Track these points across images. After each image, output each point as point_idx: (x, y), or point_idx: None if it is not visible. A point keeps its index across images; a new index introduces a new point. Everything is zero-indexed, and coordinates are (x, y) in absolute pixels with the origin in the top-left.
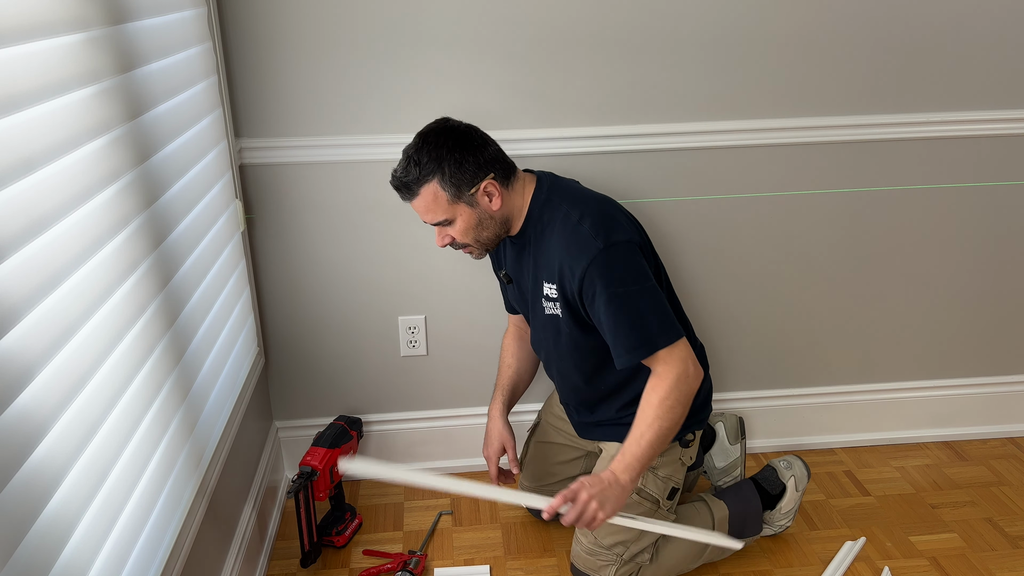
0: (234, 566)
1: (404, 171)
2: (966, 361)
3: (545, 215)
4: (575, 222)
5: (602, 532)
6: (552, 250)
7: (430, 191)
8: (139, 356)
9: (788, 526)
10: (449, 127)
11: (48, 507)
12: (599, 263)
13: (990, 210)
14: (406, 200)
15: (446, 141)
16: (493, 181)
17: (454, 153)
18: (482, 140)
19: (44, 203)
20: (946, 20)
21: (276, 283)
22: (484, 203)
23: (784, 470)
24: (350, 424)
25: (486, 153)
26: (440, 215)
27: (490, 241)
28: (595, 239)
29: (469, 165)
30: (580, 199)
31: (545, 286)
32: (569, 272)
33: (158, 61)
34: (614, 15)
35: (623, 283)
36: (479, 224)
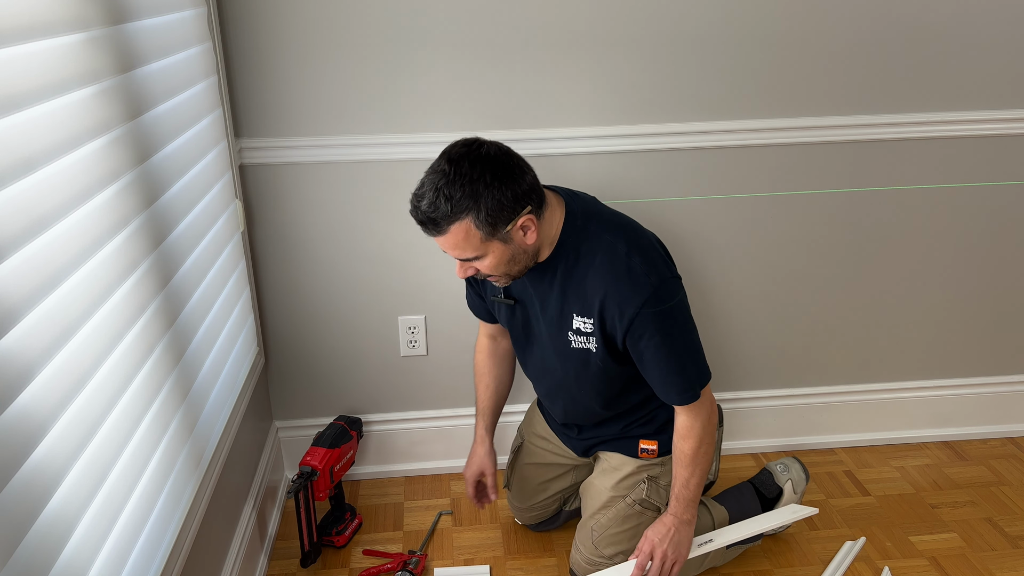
0: (234, 566)
1: (432, 206)
2: (966, 361)
3: (583, 246)
4: (623, 255)
5: (603, 542)
6: (593, 283)
7: (462, 229)
8: (139, 356)
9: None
10: (484, 154)
11: (48, 507)
12: (652, 304)
13: (990, 210)
14: (429, 234)
15: (483, 173)
16: (530, 215)
17: (492, 189)
18: (519, 168)
19: (44, 203)
20: (946, 20)
21: (276, 283)
22: (519, 238)
23: (780, 474)
24: (350, 424)
25: (524, 183)
26: (470, 253)
27: (520, 273)
28: (648, 276)
29: (508, 200)
30: (620, 227)
31: (576, 320)
32: (617, 309)
33: (158, 61)
34: (614, 15)
35: (674, 325)
36: (511, 259)
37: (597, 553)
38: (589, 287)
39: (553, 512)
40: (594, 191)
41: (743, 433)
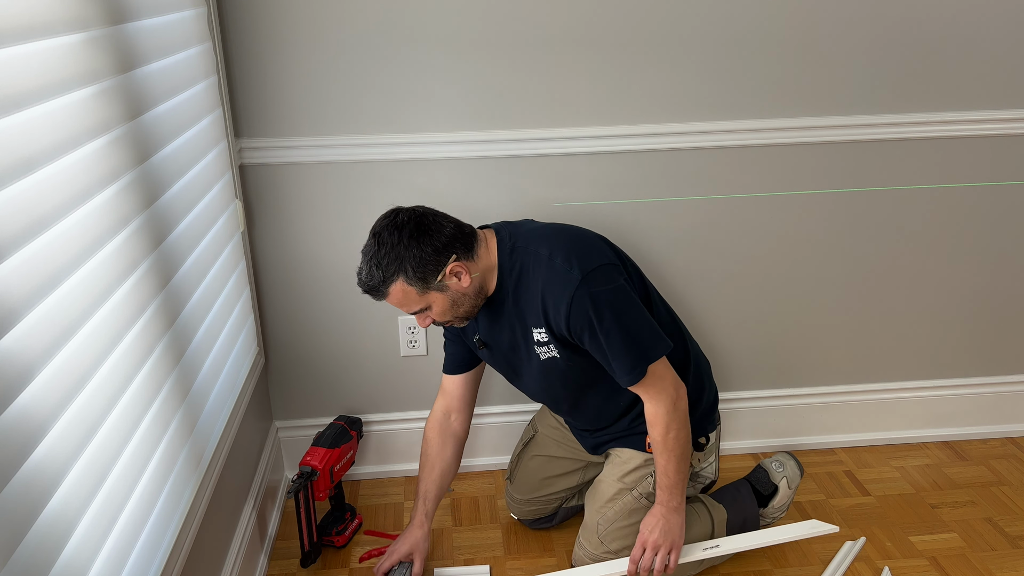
0: (234, 566)
1: (368, 275)
2: (966, 361)
3: (516, 263)
4: (546, 259)
5: (608, 536)
6: (533, 293)
7: (398, 289)
8: (139, 356)
9: (781, 517)
10: (399, 221)
11: (48, 507)
12: (581, 296)
13: (990, 210)
14: (375, 299)
15: (401, 237)
16: (457, 262)
17: (411, 248)
18: (436, 223)
19: (44, 203)
20: (946, 20)
21: (276, 283)
22: (454, 284)
23: (776, 471)
24: (350, 424)
25: (443, 236)
26: (415, 307)
27: (470, 312)
28: (570, 271)
29: (429, 255)
30: (543, 235)
31: (534, 332)
32: (554, 310)
33: (158, 61)
34: (614, 15)
35: (608, 307)
36: (454, 304)
37: (603, 548)
38: (531, 299)
39: (551, 511)
40: (594, 191)
41: (743, 433)
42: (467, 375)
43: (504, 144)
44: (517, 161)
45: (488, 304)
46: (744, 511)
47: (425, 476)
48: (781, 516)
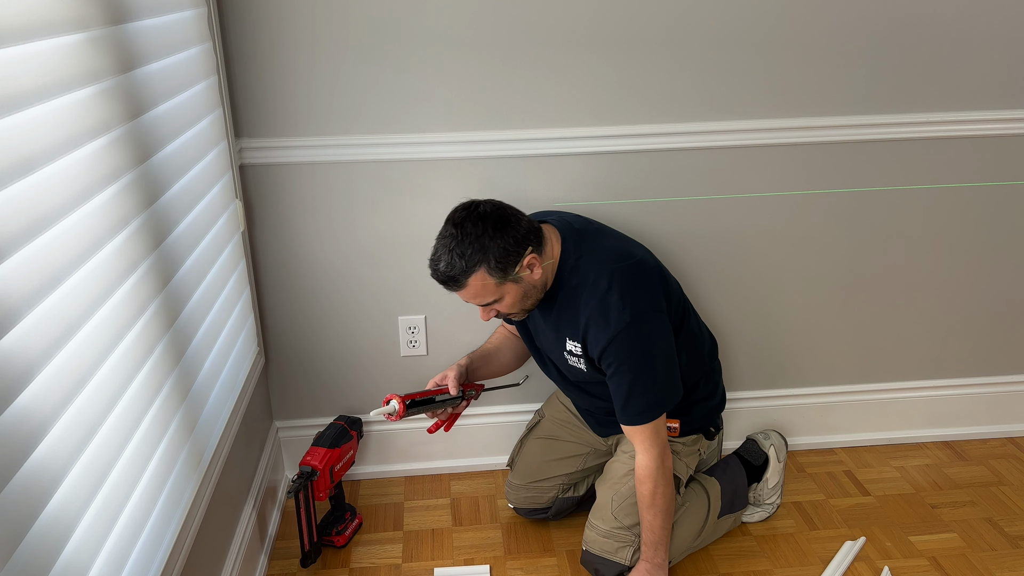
0: (234, 566)
1: (448, 266)
2: (966, 361)
3: (574, 279)
4: (604, 291)
5: (621, 511)
6: (580, 313)
7: (478, 279)
8: (139, 356)
9: (778, 504)
10: (481, 212)
11: (48, 507)
12: (622, 339)
13: (990, 210)
14: (451, 290)
15: (485, 228)
16: (533, 254)
17: (496, 239)
18: (515, 216)
19: (44, 203)
20: (946, 20)
21: (276, 283)
22: (527, 276)
23: (763, 440)
24: (350, 424)
25: (521, 228)
26: (489, 298)
27: (534, 304)
28: (623, 311)
29: (511, 246)
30: (605, 260)
31: (568, 342)
32: (594, 339)
33: (158, 61)
34: (614, 15)
35: (644, 356)
36: (524, 296)
37: (616, 523)
38: (576, 317)
39: (547, 501)
40: (594, 191)
41: (743, 433)
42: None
43: (504, 144)
44: (517, 161)
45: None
46: (734, 482)
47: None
48: (778, 503)
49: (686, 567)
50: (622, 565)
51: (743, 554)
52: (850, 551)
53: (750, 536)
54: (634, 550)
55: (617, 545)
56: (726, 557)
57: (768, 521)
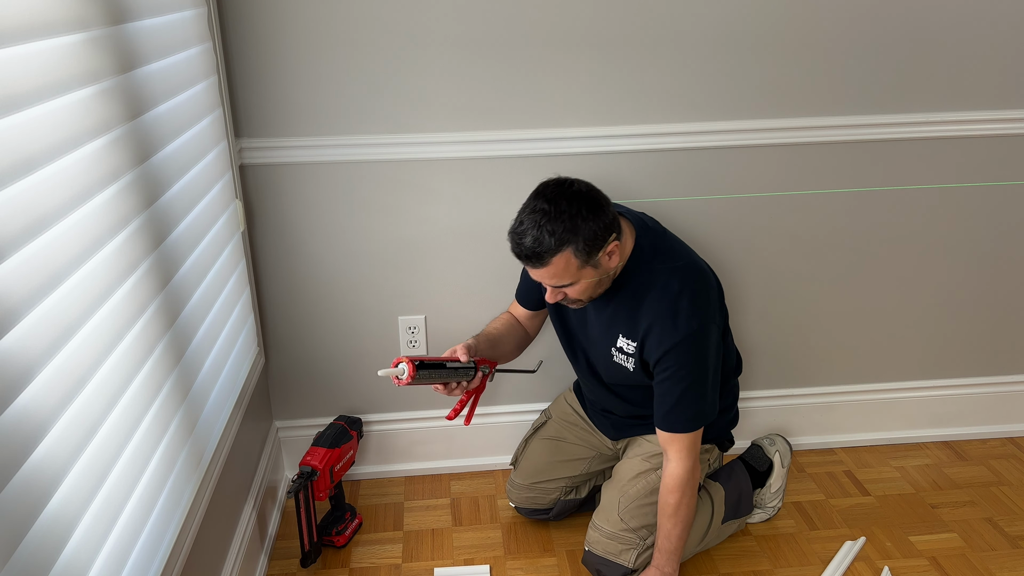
0: (234, 566)
1: (536, 242)
2: (966, 361)
3: (643, 276)
4: (675, 294)
5: (628, 513)
6: (643, 313)
7: (562, 259)
8: (139, 356)
9: (779, 507)
10: (577, 191)
11: (48, 507)
12: (687, 345)
13: (990, 210)
14: (531, 267)
15: (580, 208)
16: (616, 242)
17: (588, 221)
18: (605, 200)
19: (44, 203)
20: (946, 20)
21: (276, 283)
22: (605, 262)
23: (769, 446)
24: (350, 424)
25: (609, 214)
26: (567, 279)
27: (600, 295)
28: (692, 318)
29: (600, 231)
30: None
31: (621, 339)
32: (657, 341)
33: (158, 61)
34: (615, 15)
35: (700, 366)
36: (598, 283)
37: (623, 525)
38: (641, 315)
39: (549, 503)
40: None
41: (743, 433)
42: (536, 313)
43: (504, 144)
44: (517, 161)
45: None
46: (739, 487)
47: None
48: (779, 506)
49: (686, 567)
50: (625, 568)
51: (743, 554)
52: (850, 551)
53: (750, 536)
54: (638, 553)
55: (621, 547)
56: (726, 557)
57: (768, 521)
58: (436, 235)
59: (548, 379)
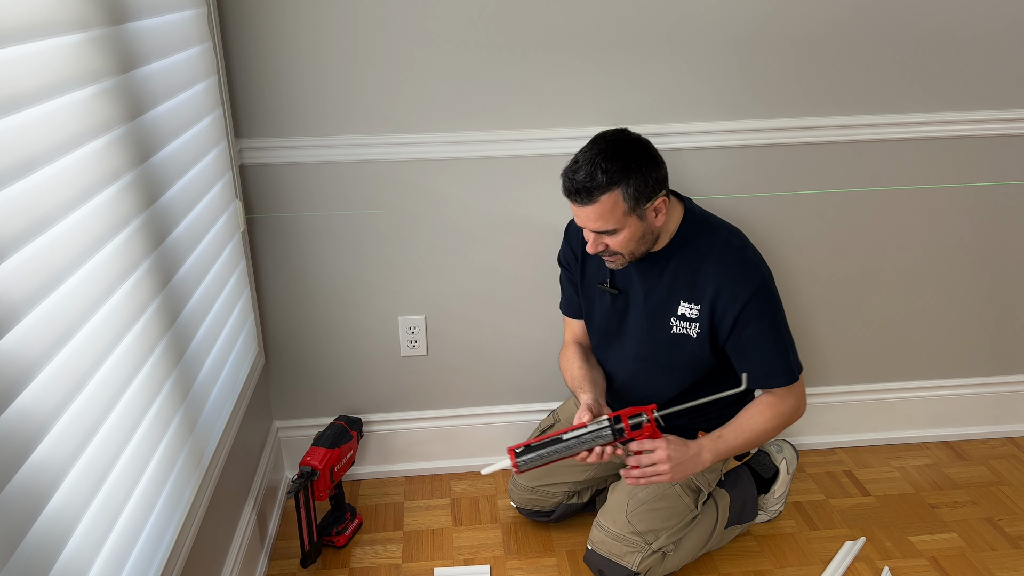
0: (234, 566)
1: (588, 176)
2: (966, 361)
3: (700, 239)
4: (738, 248)
5: (636, 516)
6: (707, 273)
7: (611, 199)
8: (139, 356)
9: (780, 511)
10: (633, 138)
11: (48, 507)
12: (763, 292)
13: (990, 210)
14: (577, 204)
15: (635, 152)
16: (666, 198)
17: (642, 168)
18: (660, 158)
19: (44, 203)
20: (946, 20)
21: (276, 283)
22: (651, 218)
23: (776, 453)
24: (350, 424)
25: (662, 171)
26: (611, 224)
27: (641, 254)
28: (759, 268)
29: (651, 180)
30: (729, 228)
31: (682, 306)
32: (730, 295)
33: (158, 61)
34: (615, 15)
35: (778, 312)
36: (641, 237)
37: (629, 528)
38: (702, 276)
39: (551, 506)
40: None
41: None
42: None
43: (504, 144)
44: (517, 161)
45: (645, 259)
46: (744, 493)
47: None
48: (780, 510)
49: (685, 567)
50: (628, 570)
51: (744, 554)
52: (850, 551)
53: (751, 536)
54: (643, 557)
55: (626, 549)
56: (726, 557)
57: (769, 521)
58: (436, 235)
59: (549, 379)
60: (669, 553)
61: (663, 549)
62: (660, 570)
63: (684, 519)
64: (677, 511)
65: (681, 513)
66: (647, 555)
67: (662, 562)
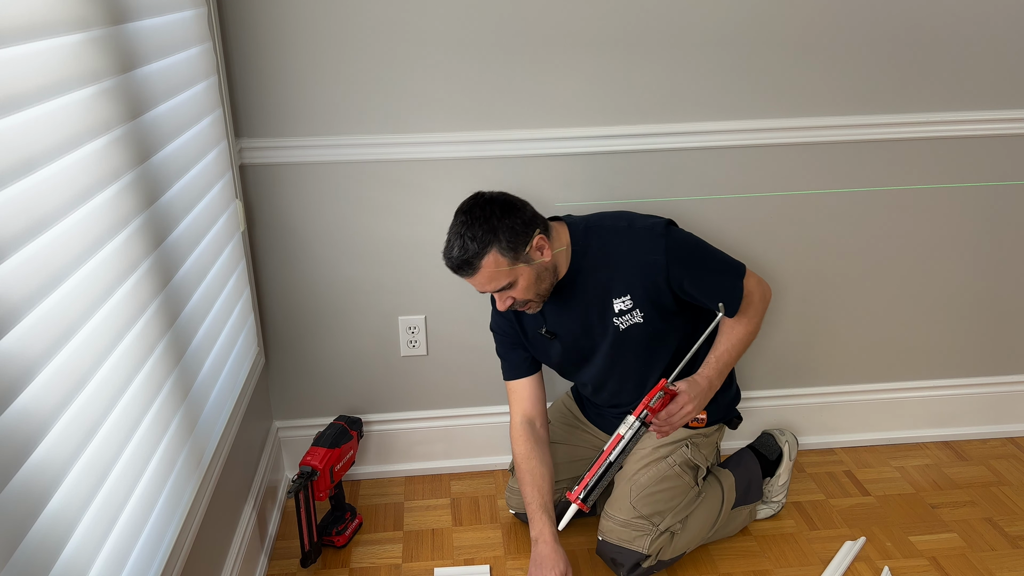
0: (234, 566)
1: (462, 250)
2: (966, 361)
3: (592, 242)
4: (626, 228)
5: (640, 501)
6: (618, 262)
7: (491, 260)
8: (139, 356)
9: (784, 502)
10: (488, 198)
11: (48, 507)
12: (672, 247)
13: (990, 210)
14: (466, 276)
15: (493, 210)
16: (541, 235)
17: (503, 220)
18: (520, 202)
19: (44, 203)
20: (946, 20)
21: (276, 283)
22: (537, 257)
23: (780, 436)
24: (350, 424)
25: (527, 213)
26: (504, 280)
27: (547, 291)
28: (653, 227)
29: (520, 226)
30: (612, 215)
31: (616, 303)
32: (651, 268)
33: (158, 61)
34: (615, 15)
35: (695, 250)
36: (538, 278)
37: (635, 513)
38: (617, 270)
39: None
40: (594, 191)
41: (743, 433)
42: (534, 377)
43: (504, 144)
44: (517, 161)
45: (557, 292)
46: (748, 473)
47: (538, 483)
48: (783, 502)
49: (686, 567)
50: (640, 553)
51: (743, 554)
52: (850, 551)
53: (750, 536)
54: (652, 539)
55: (635, 534)
56: (726, 557)
57: (768, 521)
58: (436, 235)
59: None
60: (677, 533)
61: (671, 529)
62: (671, 550)
63: (687, 497)
64: (679, 490)
65: (683, 491)
66: (656, 537)
67: (671, 542)
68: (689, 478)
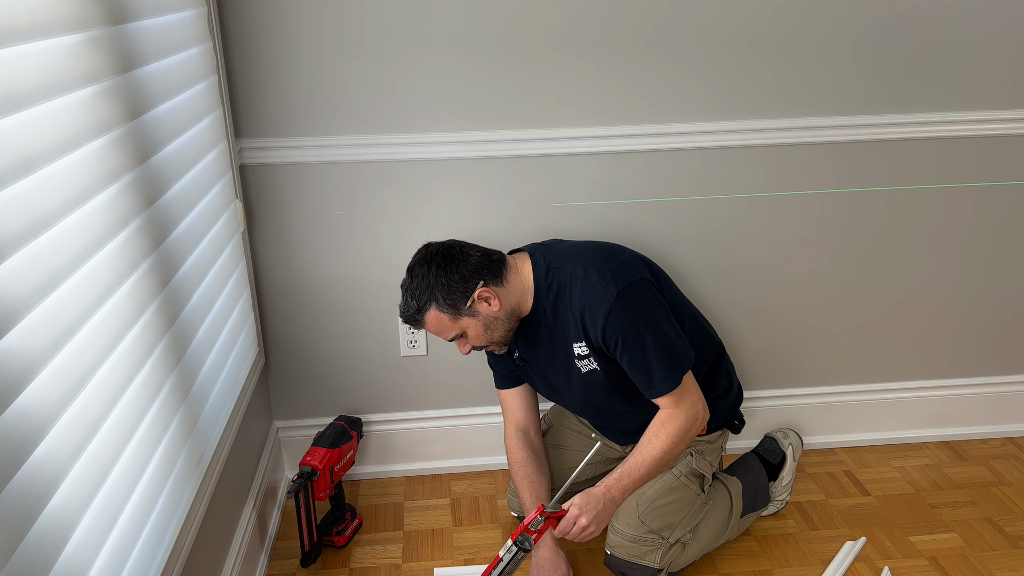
0: (234, 566)
1: (405, 307)
2: (966, 361)
3: (553, 283)
4: (582, 277)
5: (649, 515)
6: (570, 310)
7: (433, 316)
8: (139, 356)
9: (787, 500)
10: (430, 254)
11: (48, 507)
12: (617, 310)
13: (990, 210)
14: (416, 328)
15: (430, 268)
16: (484, 288)
17: (440, 278)
18: (462, 254)
19: (44, 203)
20: (946, 20)
21: (276, 283)
22: (484, 309)
23: (782, 439)
24: (350, 424)
25: (469, 265)
26: (451, 332)
27: (505, 336)
28: (607, 287)
29: (457, 283)
30: (577, 254)
31: (575, 347)
32: (591, 324)
33: (158, 61)
34: (614, 16)
35: (644, 321)
36: (488, 328)
37: (644, 528)
38: (570, 315)
39: None
40: (594, 191)
41: (743, 433)
42: (524, 387)
43: (504, 144)
44: (517, 161)
45: (526, 324)
46: (756, 481)
47: (542, 495)
48: (787, 499)
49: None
50: (652, 568)
51: (743, 554)
52: (850, 551)
53: (750, 536)
54: (663, 552)
55: (646, 549)
56: (726, 557)
57: (769, 521)
58: (436, 235)
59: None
60: (688, 543)
61: (681, 540)
62: (682, 560)
63: (695, 506)
64: (687, 500)
65: (691, 501)
66: (666, 550)
67: (683, 552)
68: (695, 487)
